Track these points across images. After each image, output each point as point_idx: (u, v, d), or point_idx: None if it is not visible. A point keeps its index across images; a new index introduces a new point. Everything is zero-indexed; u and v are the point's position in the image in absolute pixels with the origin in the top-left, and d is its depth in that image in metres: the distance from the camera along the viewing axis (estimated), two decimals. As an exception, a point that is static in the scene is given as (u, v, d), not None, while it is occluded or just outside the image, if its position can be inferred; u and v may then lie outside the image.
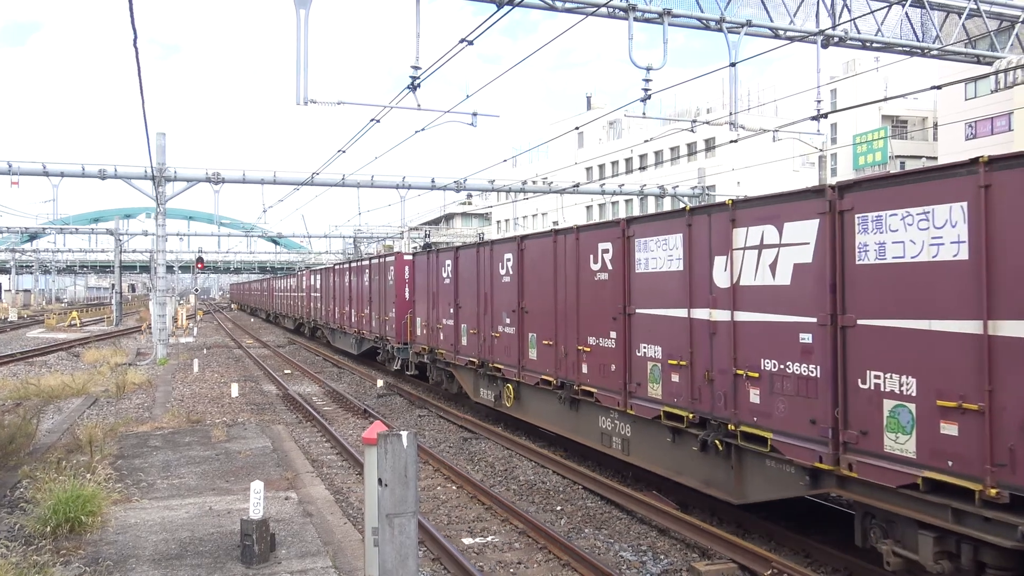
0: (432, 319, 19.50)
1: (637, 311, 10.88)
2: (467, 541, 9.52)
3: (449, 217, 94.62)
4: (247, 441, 13.93)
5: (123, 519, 9.14)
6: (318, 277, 38.54)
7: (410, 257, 23.17)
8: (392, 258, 24.34)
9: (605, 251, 11.79)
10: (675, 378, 10.07)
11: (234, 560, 7.77)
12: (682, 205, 35.51)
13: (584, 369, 12.25)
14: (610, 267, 11.62)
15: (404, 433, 5.82)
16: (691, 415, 9.69)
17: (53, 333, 44.73)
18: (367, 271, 27.17)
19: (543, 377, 13.56)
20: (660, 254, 10.45)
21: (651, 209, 56.03)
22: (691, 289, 9.76)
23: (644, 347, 10.71)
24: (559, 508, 10.85)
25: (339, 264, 33.95)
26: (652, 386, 10.49)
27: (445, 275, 18.48)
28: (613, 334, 11.41)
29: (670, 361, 10.16)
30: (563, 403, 12.95)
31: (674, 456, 10.36)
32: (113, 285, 61.61)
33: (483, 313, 16.24)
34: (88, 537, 8.41)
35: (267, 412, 18.21)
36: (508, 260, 15.18)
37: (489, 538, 9.64)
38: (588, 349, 12.13)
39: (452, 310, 17.95)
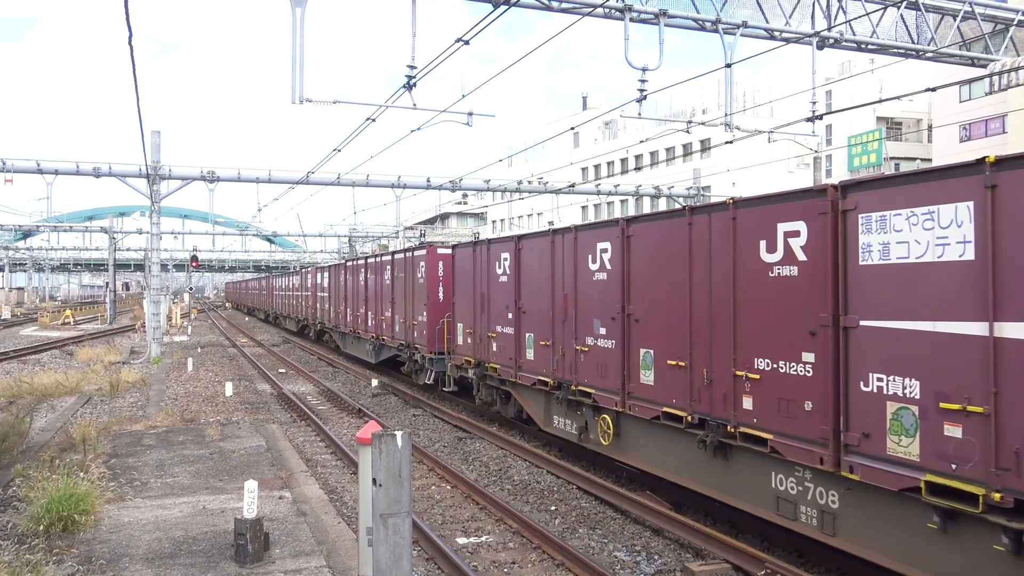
0: (480, 325, 16.26)
1: (864, 323, 7.34)
2: (461, 541, 9.52)
3: (444, 217, 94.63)
4: (241, 440, 13.90)
5: (116, 518, 9.12)
6: (326, 275, 34.84)
7: (447, 251, 19.83)
8: (423, 252, 20.65)
9: (792, 234, 8.21)
10: (952, 430, 6.51)
11: (228, 559, 7.76)
12: (677, 205, 35.59)
13: (747, 404, 8.73)
14: (802, 257, 8.06)
15: (398, 433, 5.81)
16: (996, 494, 6.12)
17: (47, 331, 44.59)
18: (389, 268, 23.83)
19: (667, 410, 10.04)
20: (921, 237, 6.85)
21: (646, 210, 56.14)
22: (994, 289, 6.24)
23: (879, 378, 7.14)
24: (553, 508, 10.86)
25: (353, 260, 29.89)
26: (898, 440, 6.93)
27: (501, 271, 15.28)
28: (809, 356, 7.91)
29: (943, 405, 6.57)
30: (704, 449, 9.41)
31: (949, 555, 6.71)
32: (107, 283, 61.45)
33: (561, 320, 12.84)
34: (81, 536, 8.38)
35: (261, 411, 18.18)
36: (603, 252, 11.65)
37: (483, 538, 9.64)
38: (756, 376, 8.59)
39: (511, 315, 14.78)
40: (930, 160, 50.38)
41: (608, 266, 11.57)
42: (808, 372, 7.90)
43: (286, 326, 50.19)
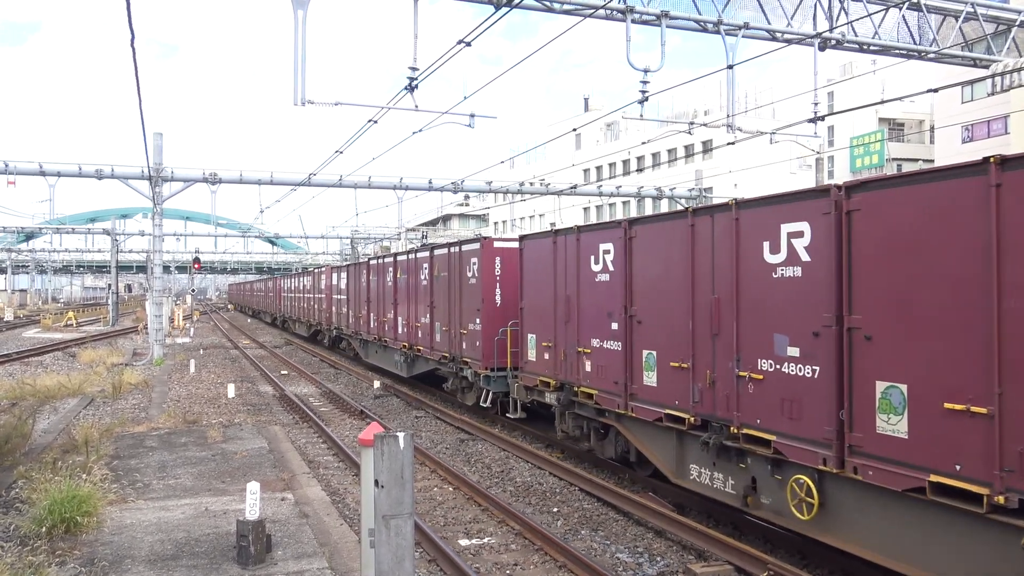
0: (566, 338, 12.94)
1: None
2: (463, 542, 9.52)
3: (447, 218, 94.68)
4: (243, 442, 13.91)
5: (119, 520, 9.12)
6: (344, 275, 31.26)
7: (508, 243, 16.73)
8: (474, 246, 17.33)
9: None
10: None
11: (230, 561, 7.76)
12: (680, 207, 35.58)
13: None
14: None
15: (400, 434, 5.81)
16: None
17: (49, 333, 44.64)
18: (426, 266, 20.37)
19: (936, 479, 6.58)
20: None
21: (648, 212, 56.13)
22: None
23: None
24: (556, 509, 10.85)
25: (379, 257, 26.36)
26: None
27: (599, 268, 11.94)
28: None
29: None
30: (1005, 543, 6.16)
31: None
32: (109, 285, 61.52)
33: (709, 334, 9.42)
34: (84, 537, 8.39)
35: (263, 413, 18.19)
36: (796, 237, 8.16)
37: (485, 539, 9.64)
38: None
39: (617, 325, 11.44)
40: (932, 161, 50.33)
41: (805, 256, 8.06)
42: None
43: (296, 331, 46.54)
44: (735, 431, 8.91)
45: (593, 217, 66.09)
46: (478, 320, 16.73)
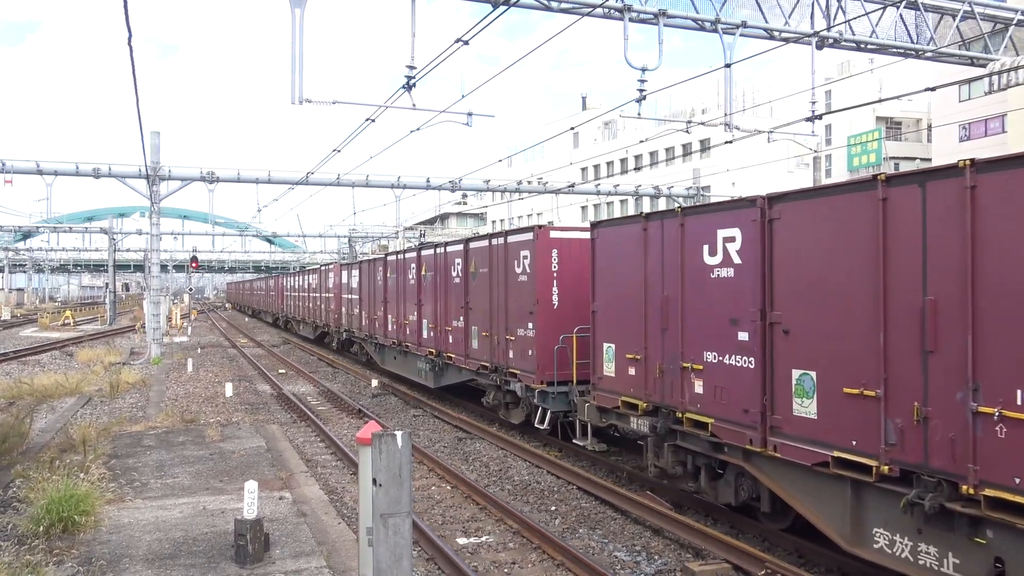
0: (661, 350, 10.35)
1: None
2: (461, 541, 9.53)
3: (444, 217, 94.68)
4: (241, 441, 13.91)
5: (116, 519, 9.12)
6: (356, 272, 28.52)
7: (567, 234, 14.40)
8: (526, 236, 14.67)
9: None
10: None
11: (228, 560, 7.76)
12: (675, 206, 35.61)
13: None
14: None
15: (398, 433, 5.82)
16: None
17: (47, 332, 44.59)
18: (460, 260, 17.75)
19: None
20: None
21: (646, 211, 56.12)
22: None
23: None
24: (553, 508, 10.86)
25: (397, 253, 23.76)
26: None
27: (716, 261, 9.37)
28: None
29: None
30: None
31: None
32: (107, 284, 61.47)
33: (911, 349, 7.05)
34: (81, 537, 8.39)
35: (261, 412, 18.18)
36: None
37: (483, 538, 9.64)
38: None
39: (748, 336, 8.89)
40: (930, 160, 50.39)
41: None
42: None
43: (300, 332, 43.63)
44: (968, 491, 6.43)
45: (591, 216, 66.13)
46: (530, 325, 14.23)
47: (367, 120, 16.84)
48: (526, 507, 10.89)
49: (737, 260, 9.09)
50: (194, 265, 44.26)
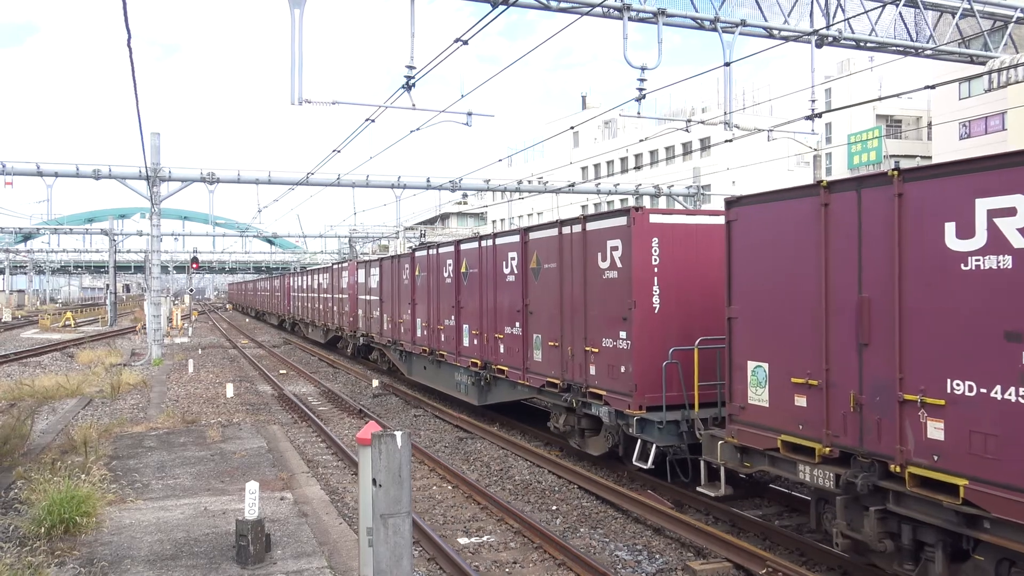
0: (856, 373, 7.70)
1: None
2: (463, 541, 9.53)
3: (444, 217, 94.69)
4: (242, 441, 13.91)
5: (118, 520, 9.13)
6: (376, 271, 25.68)
7: (672, 219, 11.55)
8: (618, 222, 11.54)
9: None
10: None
11: (229, 560, 7.77)
12: (678, 205, 35.62)
13: None
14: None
15: (398, 433, 5.82)
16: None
17: (47, 334, 44.61)
18: (515, 255, 14.88)
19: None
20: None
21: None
22: None
23: None
24: (555, 507, 10.86)
25: (429, 248, 20.61)
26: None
27: (971, 245, 6.66)
28: None
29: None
30: None
31: None
32: (108, 285, 61.47)
33: None
34: (83, 538, 8.39)
35: (262, 412, 18.19)
36: None
37: (484, 538, 9.65)
38: None
39: None
40: (930, 158, 50.36)
41: None
42: None
43: (309, 335, 40.67)
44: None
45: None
46: (623, 334, 11.35)
47: (367, 120, 16.84)
48: (527, 507, 10.90)
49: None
50: (194, 266, 44.21)
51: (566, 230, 13.05)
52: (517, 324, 14.76)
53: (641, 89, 15.84)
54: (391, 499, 5.77)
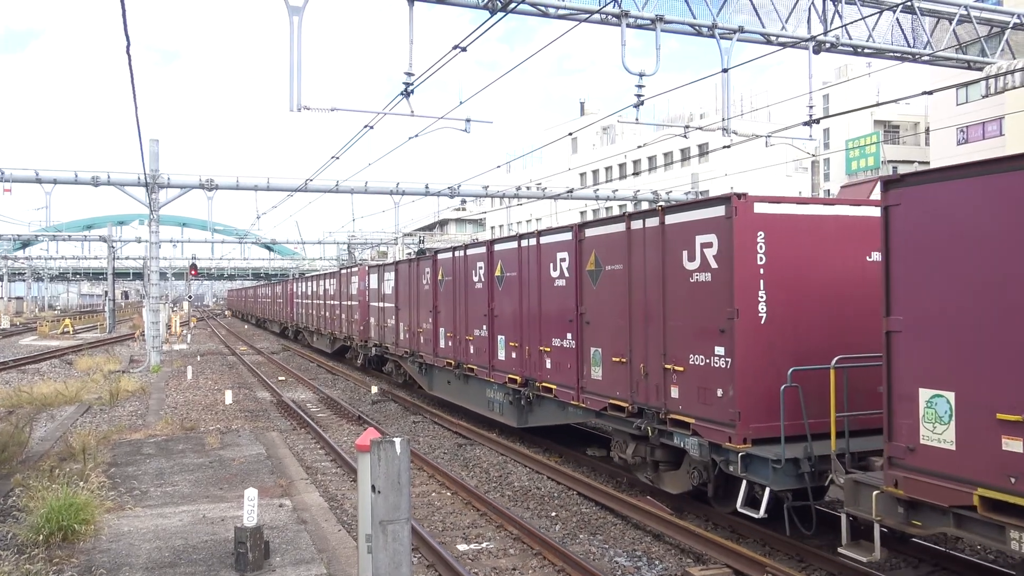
0: None
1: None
2: (462, 547, 9.51)
3: (443, 223, 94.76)
4: (241, 448, 13.89)
5: (116, 527, 9.11)
6: (390, 276, 23.77)
7: (785, 208, 9.49)
8: (713, 213, 9.54)
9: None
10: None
11: (228, 568, 7.75)
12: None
13: None
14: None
15: (397, 440, 5.82)
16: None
17: (46, 340, 44.56)
18: (567, 255, 12.90)
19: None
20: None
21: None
22: None
23: None
24: (554, 514, 10.85)
25: (455, 250, 18.60)
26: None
27: None
28: None
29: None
30: None
31: None
32: (106, 292, 61.46)
33: None
34: (81, 545, 8.38)
35: (261, 419, 18.17)
36: None
37: (484, 544, 9.63)
38: None
39: None
40: (928, 163, 50.47)
41: None
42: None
43: (315, 344, 38.62)
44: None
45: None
46: (720, 350, 9.31)
47: (366, 127, 16.87)
48: (526, 513, 10.88)
49: None
50: (193, 272, 44.30)
51: (636, 224, 11.00)
52: (569, 336, 12.79)
53: (639, 95, 15.87)
54: (390, 505, 5.76)
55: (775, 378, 8.77)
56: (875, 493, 7.26)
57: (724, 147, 21.30)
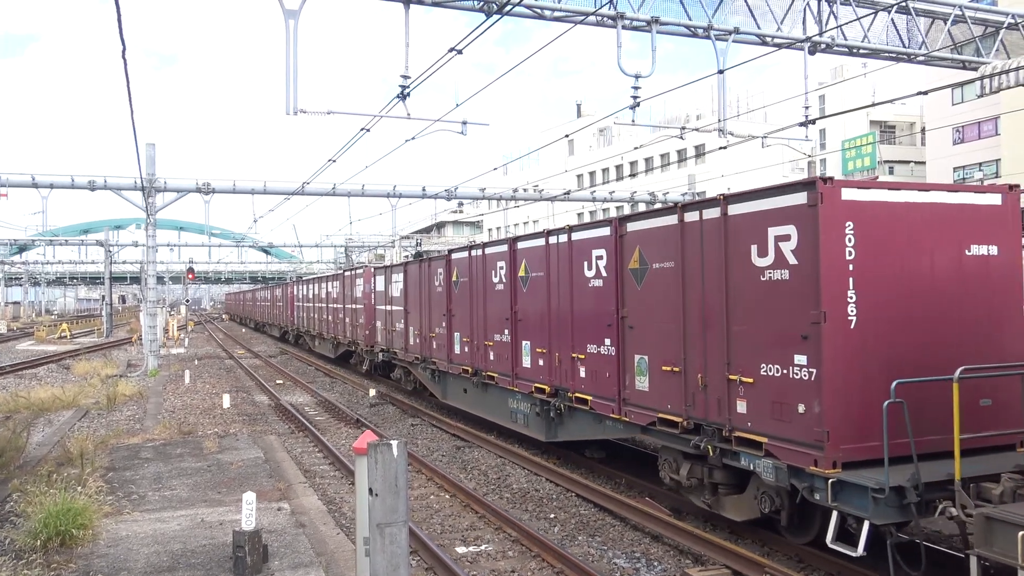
0: None
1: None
2: (460, 550, 9.51)
3: (440, 226, 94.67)
4: (239, 452, 13.88)
5: (114, 532, 9.10)
6: (400, 277, 22.21)
7: (880, 195, 8.14)
8: (793, 200, 8.12)
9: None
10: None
11: (226, 572, 7.75)
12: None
13: None
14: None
15: (394, 442, 5.82)
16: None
17: (43, 345, 44.50)
18: (602, 252, 11.68)
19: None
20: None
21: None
22: None
23: None
24: (552, 516, 10.85)
25: (471, 249, 17.29)
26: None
27: None
28: None
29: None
30: None
31: None
32: (103, 296, 61.35)
33: None
34: (79, 550, 8.37)
35: (259, 423, 18.15)
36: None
37: (483, 547, 9.63)
38: None
39: None
40: (923, 163, 50.56)
41: None
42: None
43: (316, 349, 37.39)
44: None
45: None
46: (801, 358, 7.96)
47: (362, 130, 16.86)
48: (525, 515, 10.88)
49: None
50: (190, 276, 44.22)
51: (691, 216, 9.68)
52: (607, 341, 11.47)
53: (635, 97, 15.90)
54: (387, 508, 5.76)
55: (867, 391, 7.67)
56: (1021, 534, 5.81)
57: (720, 148, 21.32)
